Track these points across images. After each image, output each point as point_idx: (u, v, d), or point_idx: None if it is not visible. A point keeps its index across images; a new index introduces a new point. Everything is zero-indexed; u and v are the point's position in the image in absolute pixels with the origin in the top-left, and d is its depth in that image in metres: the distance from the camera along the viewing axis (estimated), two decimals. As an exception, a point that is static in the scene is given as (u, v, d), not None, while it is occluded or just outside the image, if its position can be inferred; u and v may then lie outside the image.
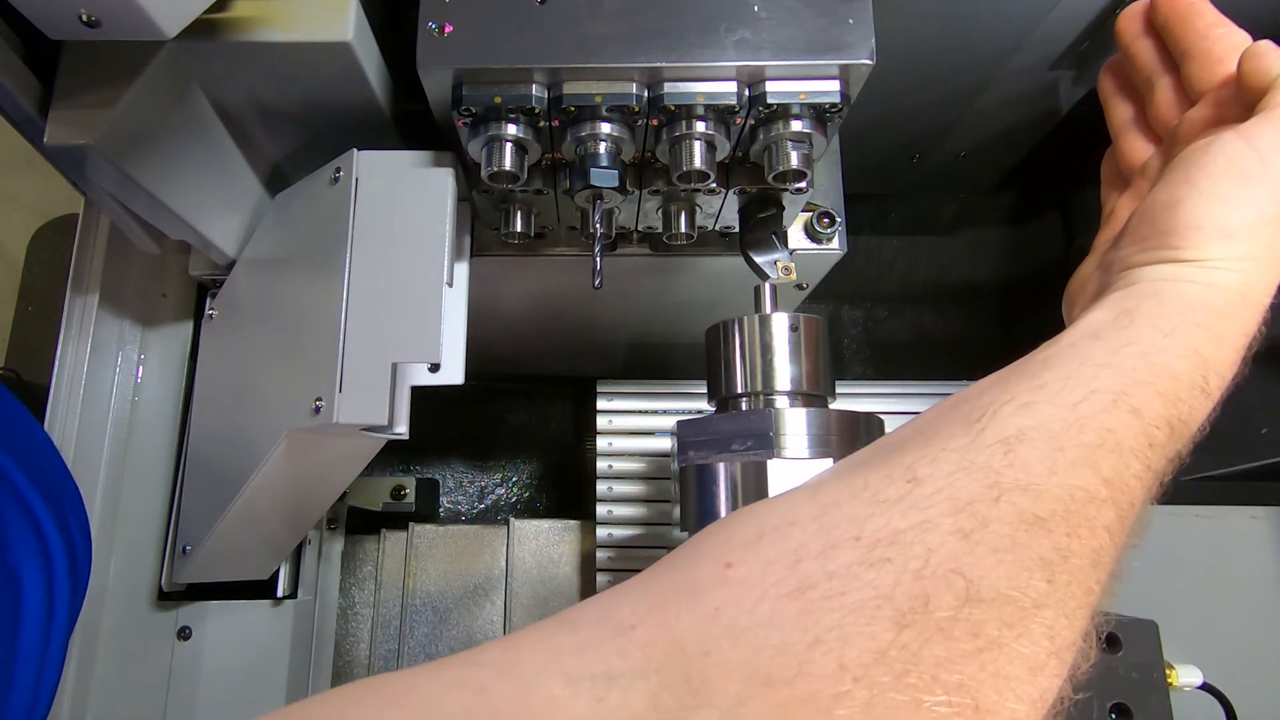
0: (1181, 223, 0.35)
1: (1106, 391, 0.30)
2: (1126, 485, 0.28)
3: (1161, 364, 0.31)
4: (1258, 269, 0.35)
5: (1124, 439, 0.29)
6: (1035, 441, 0.28)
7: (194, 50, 0.42)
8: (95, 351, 0.60)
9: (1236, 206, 0.34)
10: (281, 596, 0.64)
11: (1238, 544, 0.73)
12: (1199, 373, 0.32)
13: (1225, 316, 0.34)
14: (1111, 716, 0.43)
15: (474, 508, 0.99)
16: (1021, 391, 0.31)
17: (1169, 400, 0.31)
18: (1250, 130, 0.35)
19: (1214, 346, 0.33)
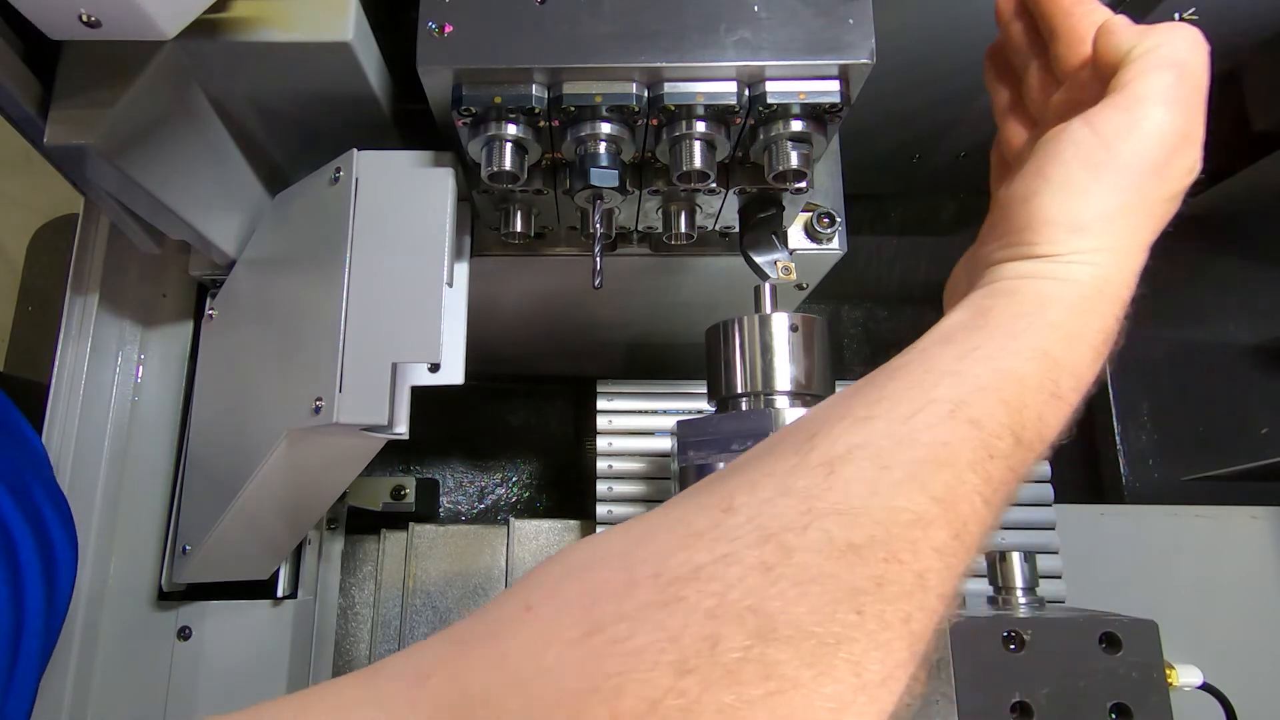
0: (1034, 217, 0.34)
1: (945, 401, 0.28)
2: (961, 501, 0.27)
3: (1007, 368, 0.30)
4: (1113, 260, 0.33)
5: (960, 452, 0.27)
6: (861, 461, 0.27)
7: (194, 50, 0.42)
8: (95, 351, 0.60)
9: (1086, 198, 0.33)
10: (281, 596, 0.64)
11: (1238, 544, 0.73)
12: (1049, 375, 0.31)
13: (1079, 313, 0.32)
14: (1111, 716, 0.43)
15: (474, 508, 0.99)
16: (860, 405, 0.29)
17: (1013, 408, 0.29)
18: (1096, 117, 0.34)
19: (1066, 346, 0.32)
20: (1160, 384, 0.83)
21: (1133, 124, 0.33)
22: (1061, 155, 0.34)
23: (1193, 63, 0.34)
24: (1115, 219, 0.33)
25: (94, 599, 0.58)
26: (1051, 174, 0.34)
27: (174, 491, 0.61)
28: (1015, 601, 0.50)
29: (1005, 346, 0.31)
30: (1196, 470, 0.80)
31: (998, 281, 0.34)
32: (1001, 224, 0.36)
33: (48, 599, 0.47)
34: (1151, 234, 0.35)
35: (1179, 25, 0.35)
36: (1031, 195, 0.34)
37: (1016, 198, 0.35)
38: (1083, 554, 0.71)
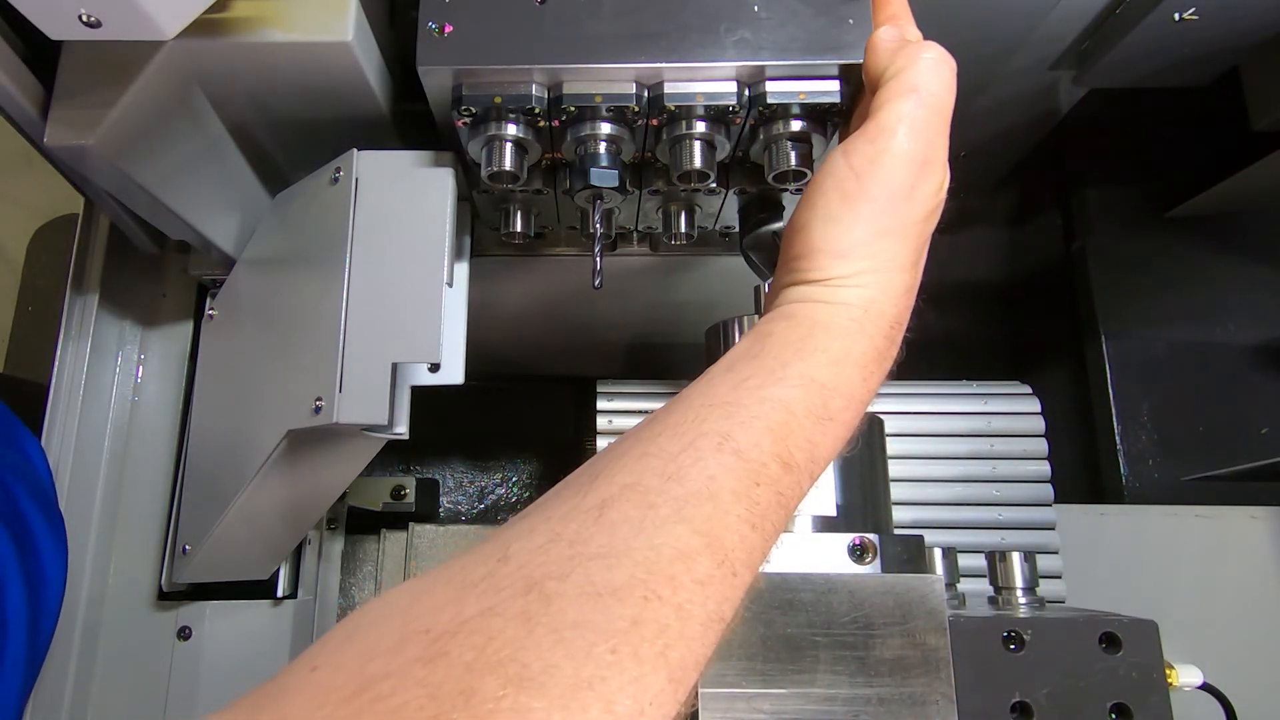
0: (806, 246, 0.36)
1: (714, 434, 0.30)
2: (725, 532, 0.28)
3: (775, 397, 0.32)
4: (877, 281, 0.36)
5: (724, 483, 0.29)
6: (630, 500, 0.28)
7: (194, 50, 0.42)
8: (95, 352, 0.60)
9: (844, 226, 0.35)
10: (281, 596, 0.64)
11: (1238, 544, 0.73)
12: (817, 399, 0.32)
13: (847, 335, 0.34)
14: (1111, 716, 0.43)
15: (474, 508, 0.99)
16: (641, 441, 0.31)
17: (779, 435, 0.31)
18: (850, 147, 0.36)
19: (833, 371, 0.33)
20: (1160, 384, 0.83)
21: (877, 154, 0.35)
22: (822, 187, 0.36)
23: (931, 87, 0.35)
24: (873, 243, 0.36)
25: (94, 599, 0.58)
26: (816, 204, 0.36)
27: (174, 491, 0.60)
28: (1015, 601, 0.50)
29: (774, 374, 0.32)
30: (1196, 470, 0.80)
31: (781, 305, 0.37)
32: (785, 250, 0.38)
33: (31, 602, 0.47)
34: (912, 254, 0.37)
35: (925, 46, 0.36)
36: (803, 226, 0.37)
37: (794, 227, 0.38)
38: (1083, 554, 0.71)
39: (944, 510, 0.66)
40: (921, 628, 0.40)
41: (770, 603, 0.40)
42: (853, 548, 0.43)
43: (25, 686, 0.48)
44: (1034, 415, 0.68)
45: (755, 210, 0.52)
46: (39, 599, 0.48)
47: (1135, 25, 0.55)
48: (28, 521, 0.49)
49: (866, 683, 0.40)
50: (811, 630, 0.40)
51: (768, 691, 0.39)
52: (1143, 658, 0.43)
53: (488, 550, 0.27)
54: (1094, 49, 0.60)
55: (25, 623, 0.46)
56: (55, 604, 0.51)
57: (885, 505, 0.49)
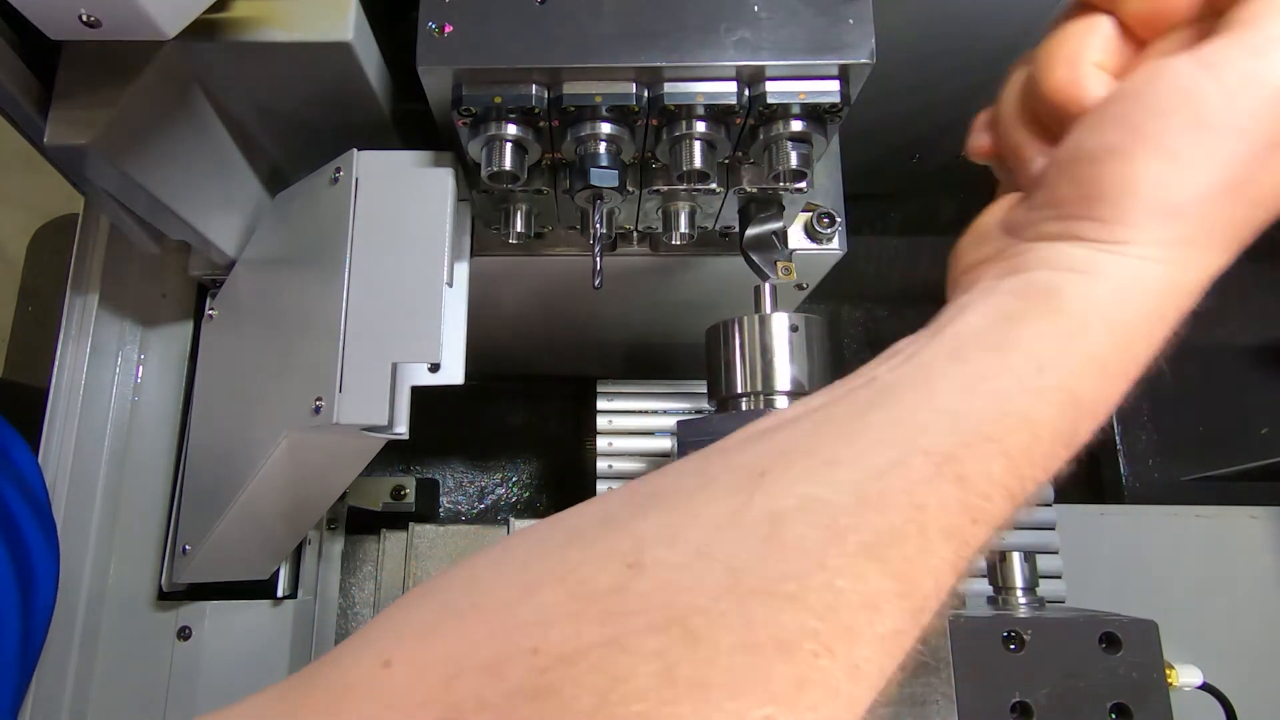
0: (1112, 184, 0.26)
1: (933, 453, 0.23)
2: (924, 577, 0.22)
3: (1021, 413, 0.24)
4: (1195, 259, 0.26)
5: (935, 519, 0.22)
6: (812, 520, 0.22)
7: (194, 50, 0.42)
8: (95, 352, 0.60)
9: (1188, 167, 0.25)
10: (281, 596, 0.64)
11: (1238, 544, 0.73)
12: (1069, 422, 0.25)
13: (1130, 339, 0.26)
14: (1111, 716, 0.43)
15: (474, 508, 0.99)
16: (829, 441, 0.24)
17: (1015, 463, 0.24)
18: (1212, 55, 0.25)
19: (1099, 385, 0.26)
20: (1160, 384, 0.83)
21: (1263, 73, 0.24)
22: (1161, 104, 0.25)
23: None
24: (1215, 201, 0.25)
25: (94, 599, 0.58)
26: (1145, 128, 0.25)
27: (174, 491, 0.60)
28: (1015, 601, 0.50)
29: (1025, 382, 0.25)
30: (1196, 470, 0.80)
31: (1036, 270, 0.27)
32: (1061, 184, 0.27)
33: (23, 605, 0.47)
34: (1250, 229, 0.27)
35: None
36: (1110, 152, 0.26)
37: (1087, 152, 0.26)
38: (1083, 554, 0.71)
39: (944, 510, 0.66)
40: (921, 628, 0.40)
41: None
42: (853, 548, 0.43)
43: (19, 689, 0.48)
44: (1034, 415, 0.68)
45: (755, 210, 0.52)
46: (31, 601, 0.48)
47: (1135, 25, 0.55)
48: (17, 523, 0.49)
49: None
50: (811, 630, 0.40)
51: (768, 691, 0.39)
52: (1143, 658, 0.43)
53: (613, 547, 0.22)
54: (1094, 49, 0.60)
55: (17, 625, 0.46)
56: (48, 606, 0.51)
57: (885, 505, 0.49)
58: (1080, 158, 0.27)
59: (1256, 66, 0.24)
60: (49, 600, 0.51)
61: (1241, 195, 0.26)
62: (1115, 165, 0.26)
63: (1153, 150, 0.25)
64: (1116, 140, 0.26)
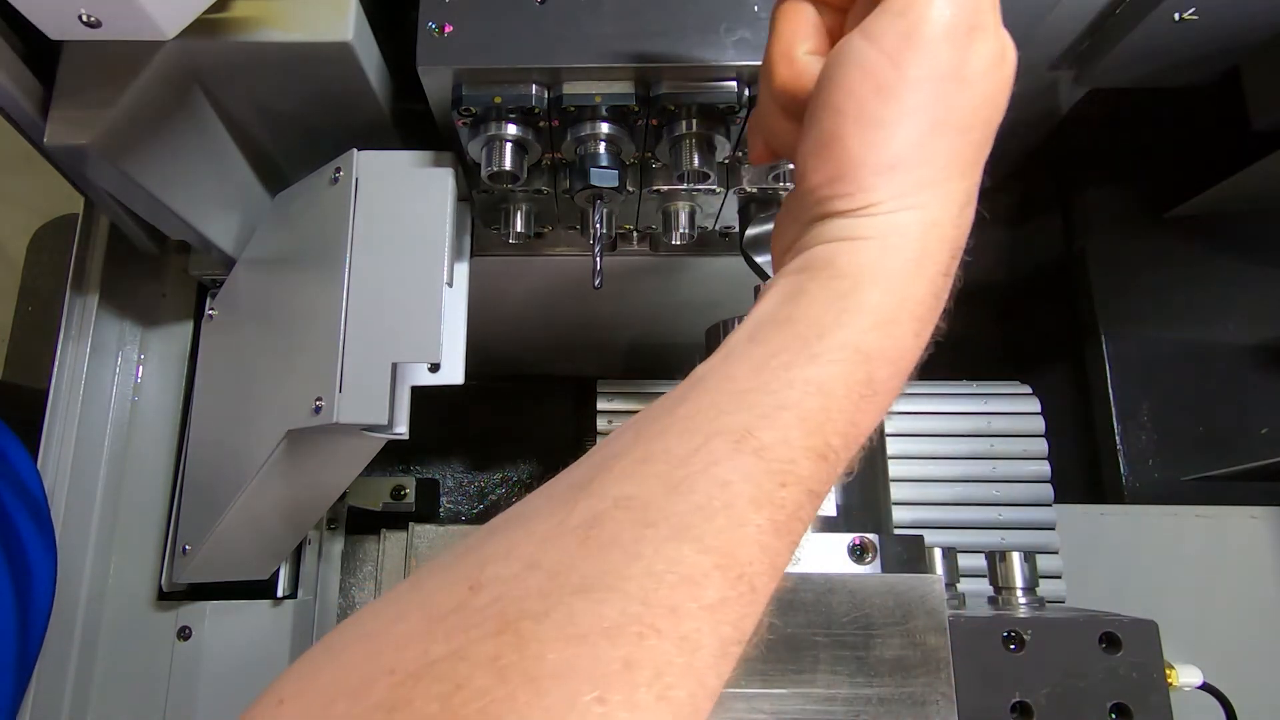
0: (841, 162, 0.29)
1: (730, 432, 0.25)
2: (740, 546, 0.24)
3: (808, 378, 0.26)
4: (937, 197, 0.29)
5: (742, 491, 0.24)
6: (623, 518, 0.24)
7: (194, 50, 0.42)
8: (95, 352, 0.60)
9: (888, 128, 0.28)
10: (281, 596, 0.64)
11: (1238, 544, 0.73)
12: (861, 374, 0.27)
13: (902, 282, 0.28)
14: (1111, 716, 0.43)
15: (474, 508, 0.99)
16: (643, 439, 0.26)
17: (814, 425, 0.26)
18: (872, 28, 0.28)
19: (883, 333, 0.27)
20: (1160, 384, 0.83)
21: (910, 28, 0.28)
22: (847, 83, 0.29)
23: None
24: (926, 144, 0.28)
25: (94, 599, 0.58)
26: (842, 104, 0.29)
27: (174, 491, 0.60)
28: (1015, 601, 0.50)
29: (808, 348, 0.27)
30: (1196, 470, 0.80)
31: (814, 246, 0.30)
32: (812, 170, 0.30)
33: (19, 607, 0.47)
34: (975, 151, 0.30)
35: None
36: (831, 136, 0.29)
37: (818, 142, 0.30)
38: (1083, 554, 0.71)
39: (944, 510, 0.66)
40: (921, 628, 0.40)
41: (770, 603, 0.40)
42: (853, 548, 0.43)
43: (17, 690, 0.48)
44: (1034, 415, 0.68)
45: (755, 210, 0.52)
46: (28, 603, 0.48)
47: (1135, 25, 0.55)
48: (14, 525, 0.49)
49: (866, 683, 0.40)
50: (811, 630, 0.40)
51: (768, 691, 0.39)
52: (1143, 658, 0.43)
53: (460, 572, 0.24)
54: (1094, 49, 0.60)
55: (14, 628, 0.46)
56: (45, 608, 0.51)
57: (885, 505, 0.49)
58: (813, 146, 0.30)
59: (903, 25, 0.28)
60: (46, 602, 0.51)
61: (947, 129, 0.29)
62: (837, 146, 0.29)
63: (857, 123, 0.28)
64: (830, 124, 0.29)
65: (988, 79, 0.29)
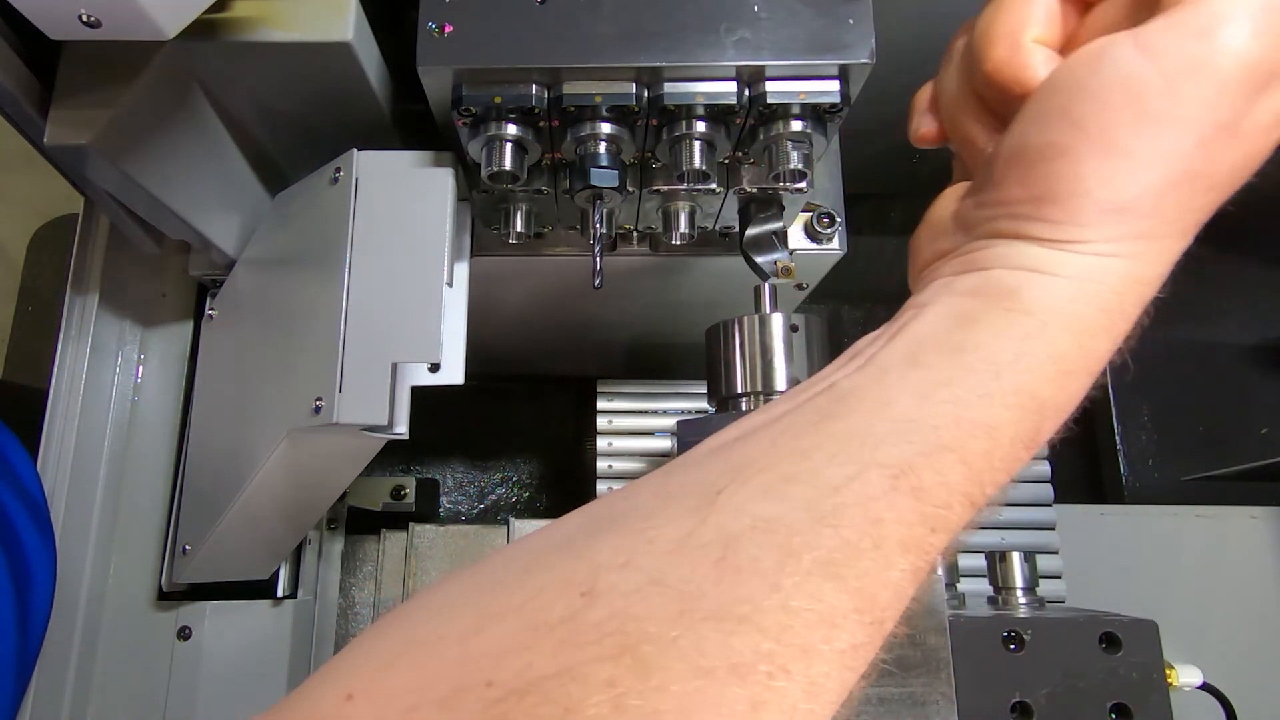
0: (1060, 184, 0.25)
1: (889, 466, 0.23)
2: (882, 590, 0.22)
3: (979, 419, 0.24)
4: (1152, 251, 0.25)
5: (892, 532, 0.22)
6: (766, 541, 0.21)
7: (194, 50, 0.42)
8: (95, 352, 0.60)
9: (1137, 163, 0.24)
10: (281, 596, 0.64)
11: (1238, 544, 0.73)
12: (1029, 424, 0.24)
13: (1091, 335, 0.25)
14: (1111, 716, 0.43)
15: (474, 508, 0.99)
16: (786, 454, 0.24)
17: (974, 470, 0.23)
18: (1153, 39, 0.24)
19: (1061, 384, 0.25)
20: (1160, 384, 0.83)
21: (1205, 57, 0.23)
22: (1102, 94, 0.24)
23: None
24: (1168, 194, 0.24)
25: (94, 599, 0.58)
26: (1085, 120, 0.24)
27: (174, 491, 0.60)
28: (1015, 601, 0.50)
29: (982, 387, 0.24)
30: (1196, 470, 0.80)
31: (993, 269, 0.26)
32: (1009, 182, 0.26)
33: (19, 607, 0.47)
34: (1205, 213, 0.26)
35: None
36: (1056, 151, 0.25)
37: (1033, 149, 0.25)
38: (1083, 554, 0.71)
39: (944, 510, 0.66)
40: (921, 628, 0.40)
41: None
42: (853, 548, 0.43)
43: (17, 691, 0.48)
44: (1034, 415, 0.68)
45: (755, 210, 0.52)
46: (27, 603, 0.48)
47: (1135, 25, 0.55)
48: (13, 524, 0.49)
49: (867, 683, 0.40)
50: (811, 630, 0.40)
51: (768, 691, 0.39)
52: (1143, 658, 0.43)
53: (568, 573, 0.22)
54: (1094, 49, 0.60)
55: (14, 627, 0.46)
56: (45, 608, 0.51)
57: (885, 505, 0.49)
58: (1025, 155, 0.26)
59: (1199, 50, 0.23)
60: (46, 602, 0.51)
61: (1195, 184, 0.25)
62: (1061, 164, 0.25)
63: (1098, 148, 0.24)
64: (1060, 137, 0.25)
65: (1265, 137, 0.25)
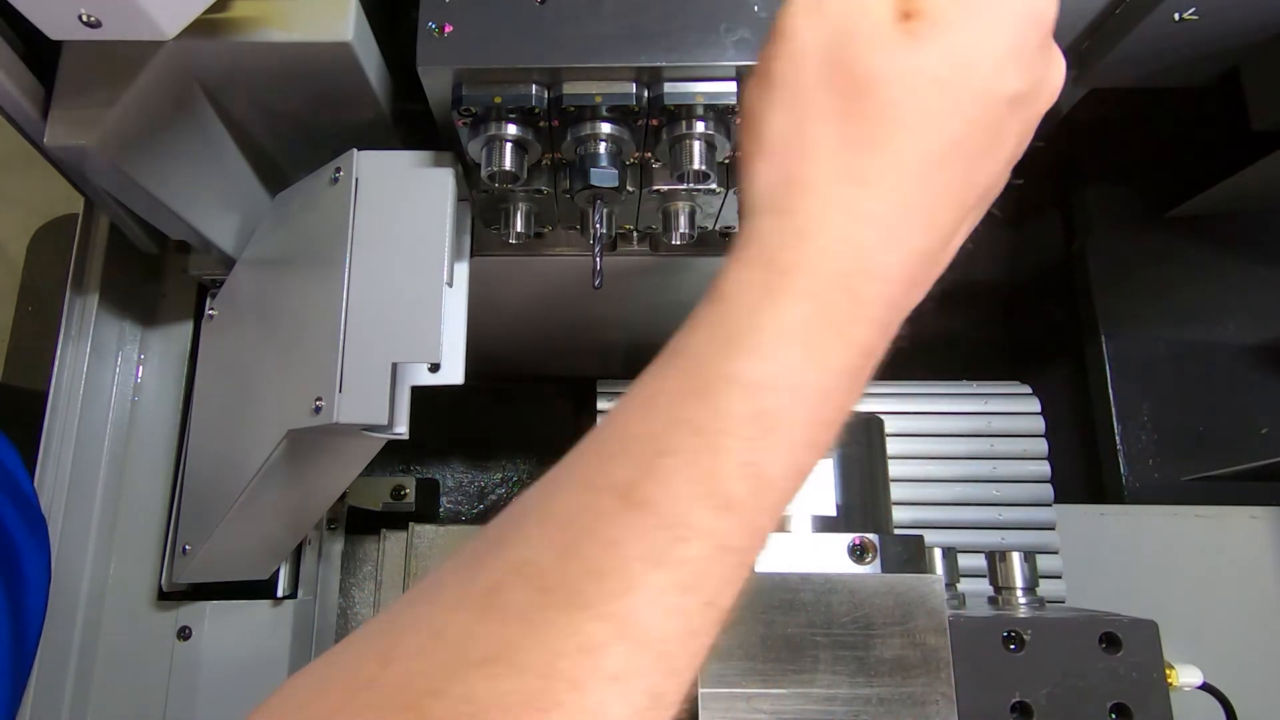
0: (760, 153, 0.26)
1: (617, 487, 0.23)
2: (641, 610, 0.22)
3: (690, 420, 0.23)
4: (876, 231, 0.25)
5: (632, 550, 0.22)
6: (521, 585, 0.22)
7: (194, 50, 0.42)
8: (95, 352, 0.60)
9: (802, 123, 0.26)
10: (281, 596, 0.64)
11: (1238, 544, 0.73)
12: (752, 407, 0.23)
13: (806, 312, 0.24)
14: (1111, 716, 0.43)
15: (474, 508, 0.99)
16: (545, 494, 0.24)
17: (702, 472, 0.23)
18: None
19: (782, 367, 0.24)
20: (1160, 384, 0.83)
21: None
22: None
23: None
24: (861, 166, 0.25)
25: (94, 599, 0.58)
26: (748, 149, 0.27)
27: (174, 491, 0.60)
28: (1015, 601, 0.50)
29: (692, 383, 0.24)
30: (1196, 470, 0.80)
31: (730, 267, 0.26)
32: (748, 150, 0.28)
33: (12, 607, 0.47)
34: (941, 197, 0.26)
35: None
36: (762, 113, 0.27)
37: (749, 116, 0.27)
38: (1083, 554, 0.71)
39: (944, 510, 0.66)
40: (921, 628, 0.40)
41: (770, 603, 0.40)
42: (853, 548, 0.43)
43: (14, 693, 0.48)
44: (1034, 415, 0.68)
45: (755, 210, 0.52)
46: (21, 603, 0.48)
47: (1135, 25, 0.55)
48: (4, 524, 0.49)
49: (866, 683, 0.40)
50: (811, 630, 0.40)
51: (768, 691, 0.39)
52: (1143, 658, 0.43)
53: (376, 643, 0.23)
54: (1094, 49, 0.60)
55: (8, 628, 0.46)
56: (39, 607, 0.51)
57: (885, 505, 0.49)
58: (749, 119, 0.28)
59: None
60: (40, 599, 0.51)
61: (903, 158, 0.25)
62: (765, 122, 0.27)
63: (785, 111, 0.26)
64: (759, 100, 0.27)
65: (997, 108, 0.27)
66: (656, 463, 0.23)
